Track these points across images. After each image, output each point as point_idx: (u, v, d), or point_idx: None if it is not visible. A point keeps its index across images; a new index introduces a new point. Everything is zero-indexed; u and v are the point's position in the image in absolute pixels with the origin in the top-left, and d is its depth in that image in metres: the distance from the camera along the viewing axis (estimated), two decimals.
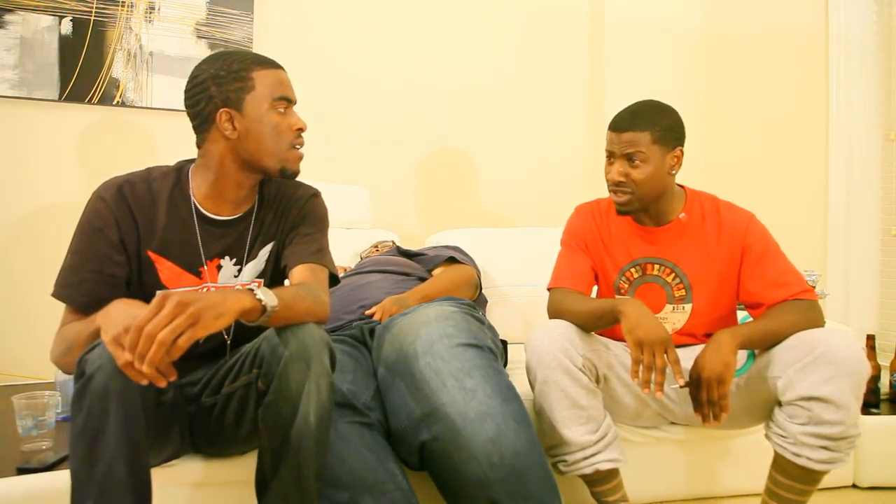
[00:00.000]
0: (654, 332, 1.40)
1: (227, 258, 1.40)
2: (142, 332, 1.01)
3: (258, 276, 1.44)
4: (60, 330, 1.30)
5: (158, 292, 1.05)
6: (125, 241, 1.32)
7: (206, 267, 1.38)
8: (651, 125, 1.56)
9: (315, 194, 1.50)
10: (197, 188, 1.38)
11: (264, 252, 1.44)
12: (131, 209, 1.33)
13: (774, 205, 2.66)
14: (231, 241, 1.40)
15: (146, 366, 1.01)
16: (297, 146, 1.38)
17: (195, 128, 1.36)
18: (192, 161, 1.42)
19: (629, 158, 1.57)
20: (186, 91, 1.35)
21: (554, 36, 3.19)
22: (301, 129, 1.37)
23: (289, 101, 1.36)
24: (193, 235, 1.37)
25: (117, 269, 1.32)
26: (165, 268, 1.35)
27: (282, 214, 1.45)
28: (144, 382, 1.04)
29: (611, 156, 1.61)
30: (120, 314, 1.11)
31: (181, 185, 1.38)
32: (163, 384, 1.05)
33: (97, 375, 1.08)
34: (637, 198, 1.59)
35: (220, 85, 1.31)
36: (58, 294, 1.30)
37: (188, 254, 1.37)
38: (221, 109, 1.31)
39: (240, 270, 1.41)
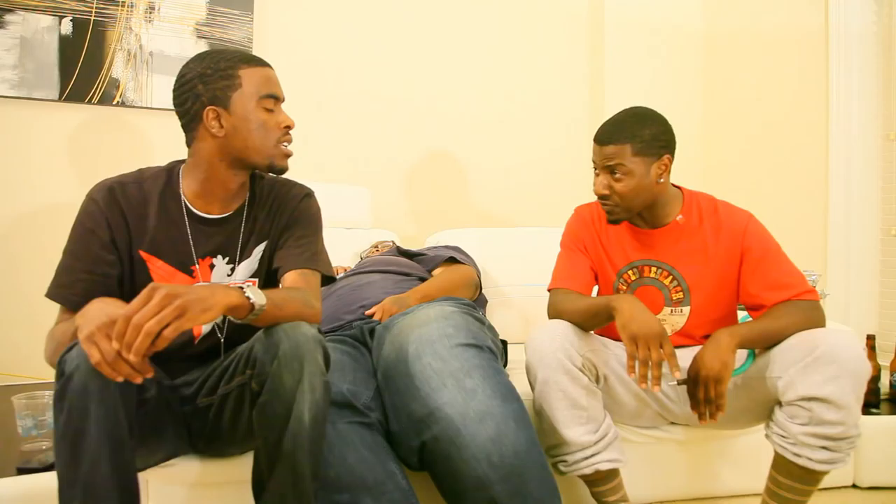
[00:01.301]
0: (648, 327, 1.39)
1: (219, 257, 1.40)
2: (129, 321, 1.02)
3: (252, 276, 1.43)
4: (51, 330, 1.30)
5: (148, 284, 1.06)
6: (116, 241, 1.33)
7: (198, 266, 1.38)
8: (631, 137, 1.54)
9: (308, 194, 1.49)
10: (187, 187, 1.39)
11: (258, 251, 1.43)
12: (122, 209, 1.33)
13: (774, 205, 2.66)
14: (222, 239, 1.40)
15: (133, 355, 1.02)
16: (286, 143, 1.38)
17: (184, 126, 1.37)
18: (183, 161, 1.42)
19: (611, 171, 1.57)
20: (174, 90, 1.36)
21: (554, 36, 3.19)
22: (289, 127, 1.38)
23: (276, 99, 1.36)
24: (184, 234, 1.37)
25: (110, 269, 1.32)
26: (157, 267, 1.36)
27: (275, 213, 1.45)
28: (119, 379, 1.05)
29: (595, 167, 1.61)
30: (95, 312, 1.11)
31: (172, 184, 1.39)
32: (138, 380, 1.06)
33: (76, 375, 1.07)
34: (623, 209, 1.59)
35: (207, 83, 1.31)
36: (52, 294, 1.31)
37: (180, 253, 1.37)
38: (208, 107, 1.31)
39: (233, 269, 1.41)
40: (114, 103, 2.51)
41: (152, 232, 1.35)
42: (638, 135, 1.55)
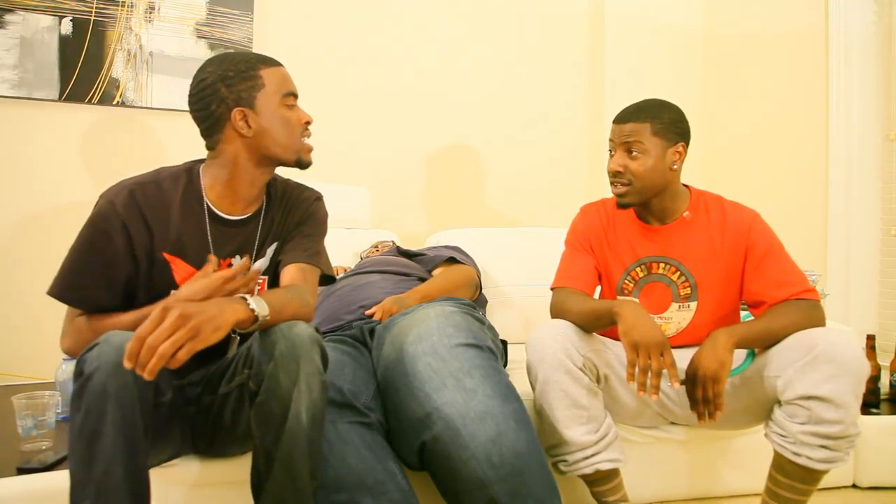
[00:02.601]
0: (650, 335, 1.39)
1: (237, 257, 1.42)
2: (143, 342, 1.02)
3: (263, 273, 1.46)
4: (74, 320, 1.31)
5: (158, 304, 1.07)
6: (135, 245, 1.32)
7: (218, 267, 1.39)
8: (652, 117, 1.58)
9: (318, 197, 1.54)
10: (210, 188, 1.40)
11: (271, 250, 1.47)
12: (143, 212, 1.33)
13: (774, 205, 2.66)
14: (242, 240, 1.42)
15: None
16: (306, 138, 1.44)
17: (205, 130, 1.38)
18: (201, 161, 1.43)
19: (628, 150, 1.58)
20: (193, 95, 1.36)
21: (554, 36, 3.19)
22: (308, 122, 1.43)
23: (295, 96, 1.42)
24: (205, 235, 1.38)
25: (115, 272, 1.32)
26: (180, 268, 1.36)
27: (287, 214, 1.48)
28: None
29: (611, 147, 1.62)
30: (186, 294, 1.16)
31: (193, 185, 1.40)
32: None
33: (95, 375, 1.08)
34: (635, 190, 1.59)
35: (231, 85, 1.34)
36: (54, 292, 1.31)
37: (202, 253, 1.38)
38: (235, 109, 1.34)
39: (248, 269, 1.43)
40: (114, 103, 2.51)
41: (176, 233, 1.36)
42: (658, 116, 1.59)
